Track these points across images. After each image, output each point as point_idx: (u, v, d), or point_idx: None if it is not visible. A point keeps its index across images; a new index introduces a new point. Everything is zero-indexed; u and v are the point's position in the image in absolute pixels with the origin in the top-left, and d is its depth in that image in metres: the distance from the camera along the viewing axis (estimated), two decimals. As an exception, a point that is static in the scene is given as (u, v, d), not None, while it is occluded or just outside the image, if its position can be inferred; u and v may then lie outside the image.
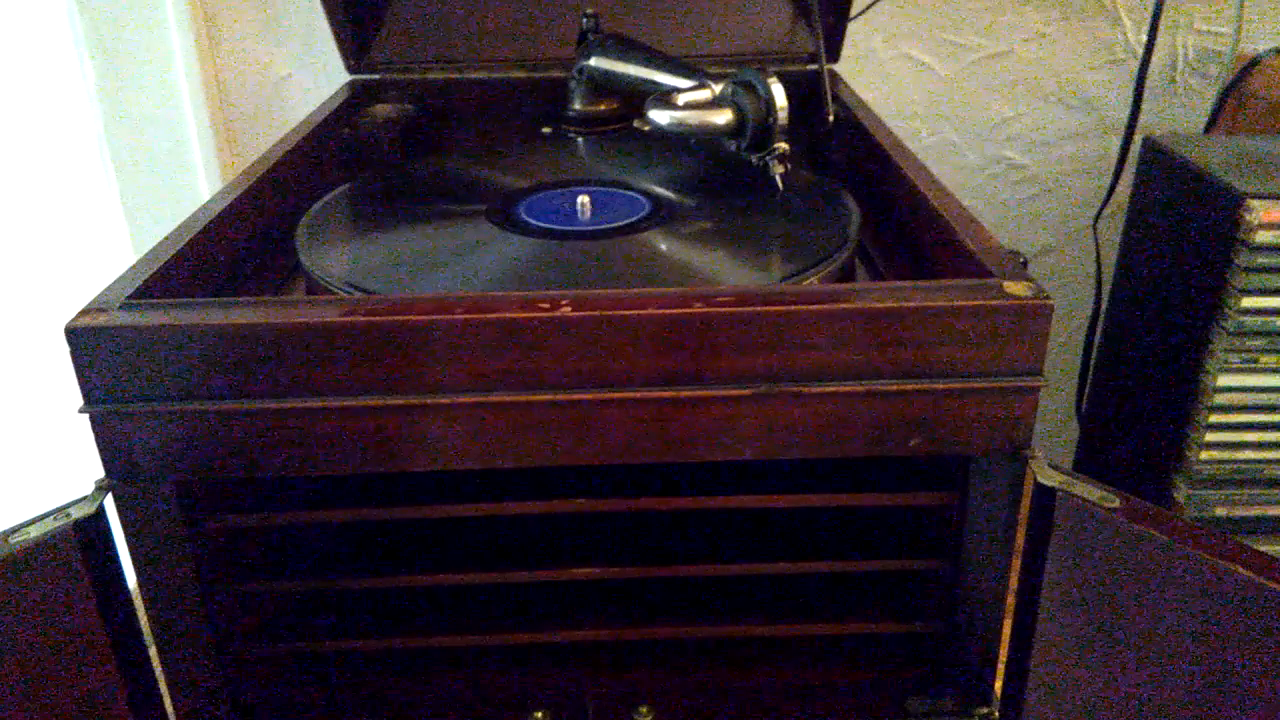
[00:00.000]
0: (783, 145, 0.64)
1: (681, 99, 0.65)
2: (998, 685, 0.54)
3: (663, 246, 0.60)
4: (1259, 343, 0.75)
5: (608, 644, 0.61)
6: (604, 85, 0.83)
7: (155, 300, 0.48)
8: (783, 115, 0.63)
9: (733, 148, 0.66)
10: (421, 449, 0.48)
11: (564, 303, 0.46)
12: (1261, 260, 0.73)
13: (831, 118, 0.78)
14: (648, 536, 0.58)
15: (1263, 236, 0.72)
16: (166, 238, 0.55)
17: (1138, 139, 0.95)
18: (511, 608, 0.59)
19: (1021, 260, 0.51)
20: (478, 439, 0.47)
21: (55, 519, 0.46)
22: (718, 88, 0.66)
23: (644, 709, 0.54)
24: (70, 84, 0.95)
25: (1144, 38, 1.03)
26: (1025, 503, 0.49)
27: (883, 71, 1.09)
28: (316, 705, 0.59)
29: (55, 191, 0.98)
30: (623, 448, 0.48)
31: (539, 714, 0.54)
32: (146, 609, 0.51)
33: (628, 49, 0.79)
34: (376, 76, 0.93)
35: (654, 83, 0.73)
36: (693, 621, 0.58)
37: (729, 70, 0.67)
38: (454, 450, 0.48)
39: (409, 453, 0.48)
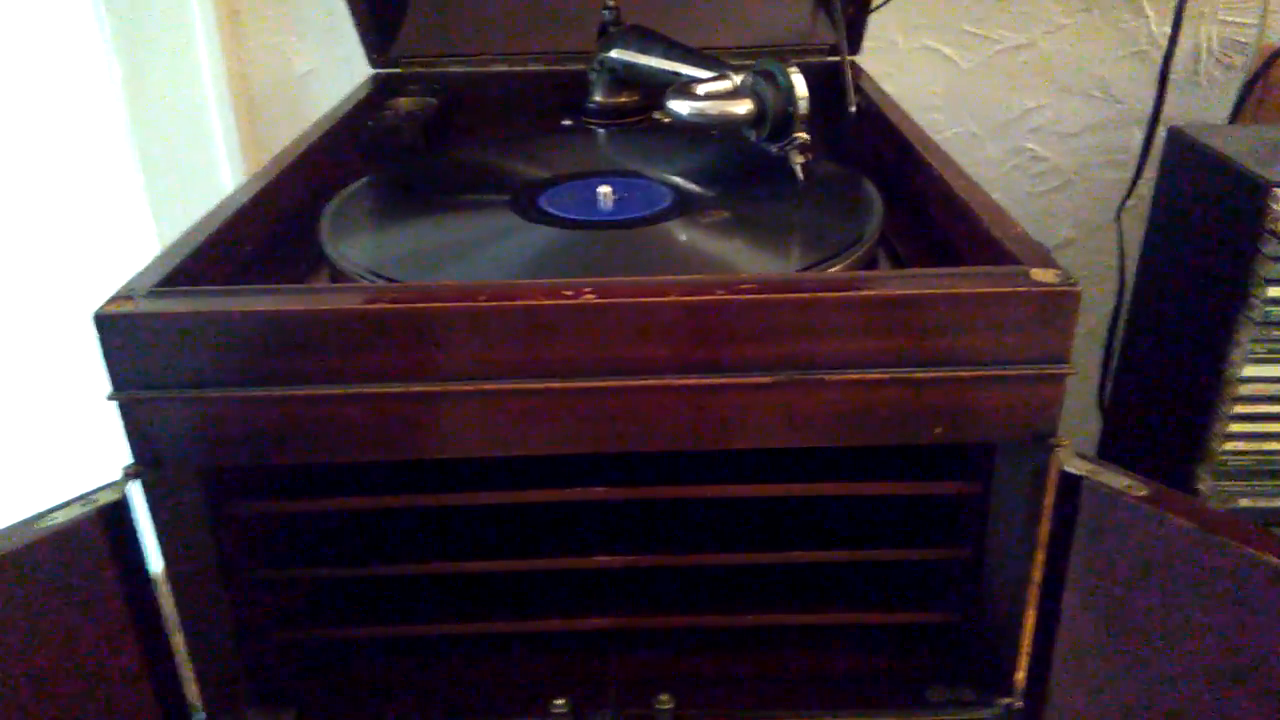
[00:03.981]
0: (803, 135, 0.64)
1: (701, 89, 0.65)
2: (1020, 675, 0.54)
3: (684, 237, 0.60)
4: (1285, 333, 0.75)
5: (629, 632, 0.61)
6: (625, 77, 0.83)
7: (182, 288, 0.48)
8: (803, 105, 0.63)
9: (753, 138, 0.66)
10: (445, 436, 0.48)
11: (587, 290, 0.46)
12: (1288, 250, 0.72)
13: (853, 108, 0.77)
14: (670, 524, 0.58)
15: (1290, 226, 0.71)
16: (193, 227, 0.55)
17: (1161, 131, 0.94)
18: (534, 595, 0.59)
19: (1046, 252, 0.51)
20: (500, 426, 0.47)
21: (82, 505, 0.47)
22: (738, 78, 0.66)
23: (665, 696, 0.54)
24: (97, 80, 0.96)
25: (1167, 28, 1.02)
26: (1050, 491, 0.49)
27: (904, 63, 1.09)
28: (339, 691, 0.59)
29: (83, 185, 0.99)
30: (646, 435, 0.48)
31: (560, 701, 0.54)
32: (171, 594, 0.52)
33: (648, 41, 0.79)
34: (399, 70, 0.93)
35: (674, 74, 0.73)
36: (714, 610, 0.58)
37: (749, 62, 0.67)
38: (477, 437, 0.48)
39: (432, 439, 0.48)
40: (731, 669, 0.60)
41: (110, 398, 0.46)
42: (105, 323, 0.45)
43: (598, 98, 0.85)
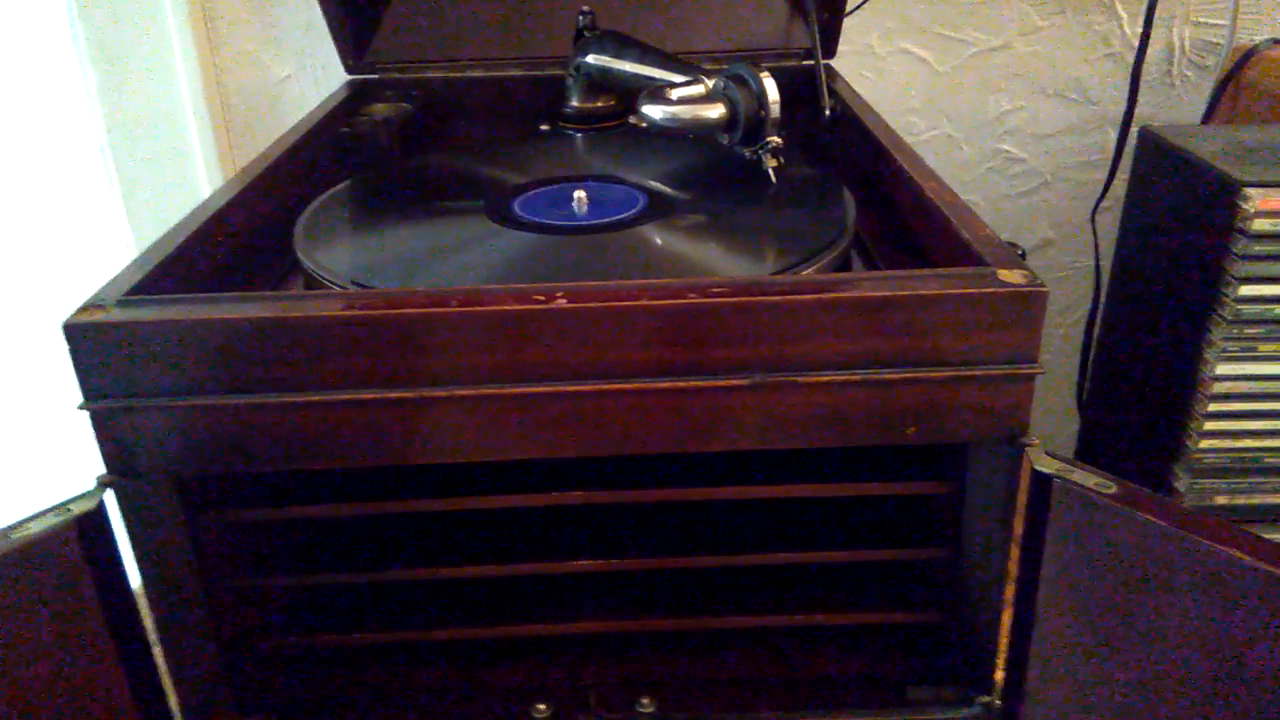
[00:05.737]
0: (775, 139, 0.64)
1: (674, 94, 0.65)
2: (998, 674, 0.54)
3: (659, 241, 0.60)
4: (1258, 331, 0.75)
5: (609, 636, 0.61)
6: (600, 82, 0.83)
7: (153, 296, 0.48)
8: (774, 109, 0.63)
9: (726, 142, 0.66)
10: (419, 442, 0.48)
11: (560, 295, 0.46)
12: (1259, 248, 0.73)
13: (828, 112, 0.78)
14: (647, 528, 0.58)
15: (1260, 224, 0.72)
16: (164, 235, 0.55)
17: (1134, 131, 0.95)
18: (514, 600, 0.59)
19: (1020, 253, 0.51)
20: (475, 431, 0.47)
21: (56, 515, 0.46)
22: (711, 82, 0.66)
23: (646, 700, 0.54)
24: (72, 86, 0.95)
25: (1140, 30, 1.03)
26: (1023, 491, 0.49)
27: (880, 67, 1.09)
28: (319, 698, 0.59)
29: (58, 192, 0.98)
30: (620, 439, 0.48)
31: (541, 706, 0.54)
32: (149, 604, 0.52)
33: (624, 46, 0.79)
34: (375, 76, 0.93)
35: (649, 79, 0.74)
36: (693, 613, 0.58)
37: (725, 67, 0.67)
38: (452, 443, 0.48)
39: (407, 446, 0.48)
40: (712, 671, 0.60)
41: (81, 407, 0.46)
42: (75, 332, 0.45)
43: (574, 103, 0.86)
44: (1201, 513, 0.44)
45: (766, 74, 0.63)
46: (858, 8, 1.01)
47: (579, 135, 0.85)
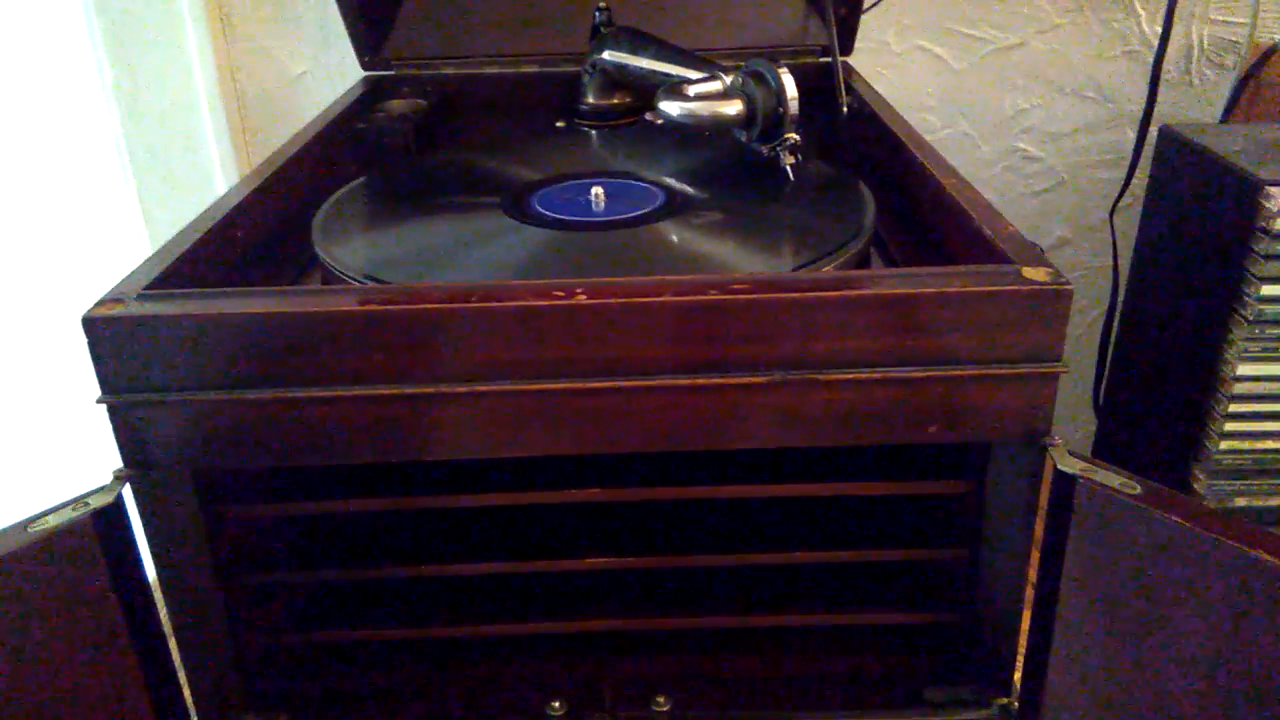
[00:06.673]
0: (793, 136, 0.64)
1: (692, 90, 0.65)
2: (1017, 675, 0.54)
3: (676, 238, 0.60)
4: (1279, 331, 0.75)
5: (625, 633, 0.60)
6: (617, 79, 0.83)
7: (172, 290, 0.48)
8: (793, 106, 0.63)
9: (744, 139, 0.66)
10: (437, 438, 0.48)
11: (579, 291, 0.45)
12: (1281, 248, 0.72)
13: (845, 109, 0.77)
14: (665, 525, 0.58)
15: (1282, 224, 0.71)
16: (183, 229, 0.55)
17: (1153, 130, 0.94)
18: (529, 597, 0.59)
19: (1038, 252, 0.51)
20: (493, 428, 0.47)
21: (74, 509, 0.46)
22: (728, 79, 0.66)
23: (661, 698, 0.53)
24: (88, 82, 0.95)
25: (1159, 28, 1.02)
26: (1045, 491, 0.49)
27: (896, 64, 1.09)
28: (334, 694, 0.59)
29: (74, 188, 0.99)
30: (639, 436, 0.48)
31: (556, 703, 0.53)
32: (164, 598, 0.52)
33: (640, 42, 0.78)
34: (391, 72, 0.93)
35: (666, 75, 0.73)
36: (710, 611, 0.58)
37: (741, 63, 0.67)
38: (470, 439, 0.48)
39: (425, 441, 0.48)
40: (728, 670, 0.59)
41: (99, 401, 0.46)
42: (93, 326, 0.45)
43: (590, 99, 0.85)
44: (1225, 514, 0.44)
45: (785, 70, 0.62)
46: (875, 4, 1.01)
47: (595, 132, 0.84)
